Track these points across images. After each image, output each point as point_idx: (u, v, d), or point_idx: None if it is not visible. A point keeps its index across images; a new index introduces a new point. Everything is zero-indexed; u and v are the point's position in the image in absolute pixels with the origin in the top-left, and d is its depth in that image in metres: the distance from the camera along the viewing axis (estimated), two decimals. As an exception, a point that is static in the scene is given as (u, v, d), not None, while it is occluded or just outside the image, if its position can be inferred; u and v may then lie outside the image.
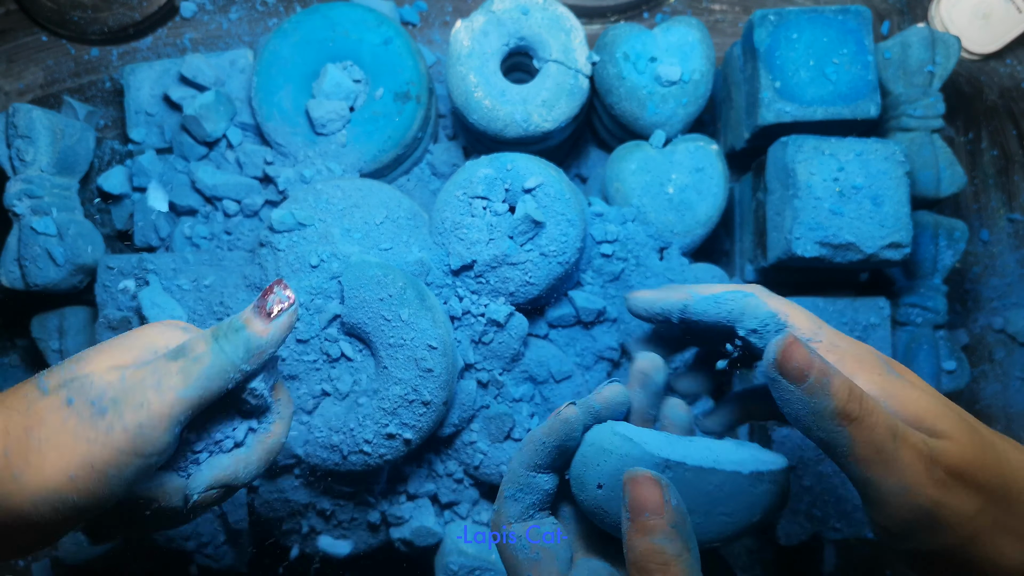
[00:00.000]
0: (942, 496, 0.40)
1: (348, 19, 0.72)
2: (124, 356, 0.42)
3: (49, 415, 0.40)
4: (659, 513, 0.38)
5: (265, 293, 0.44)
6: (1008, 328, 0.82)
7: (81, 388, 0.40)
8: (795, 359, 0.40)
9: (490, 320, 0.63)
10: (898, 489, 0.40)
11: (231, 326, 0.43)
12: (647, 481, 0.39)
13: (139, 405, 0.40)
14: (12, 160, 0.70)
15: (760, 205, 0.72)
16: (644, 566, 0.37)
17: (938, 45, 0.71)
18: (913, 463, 0.40)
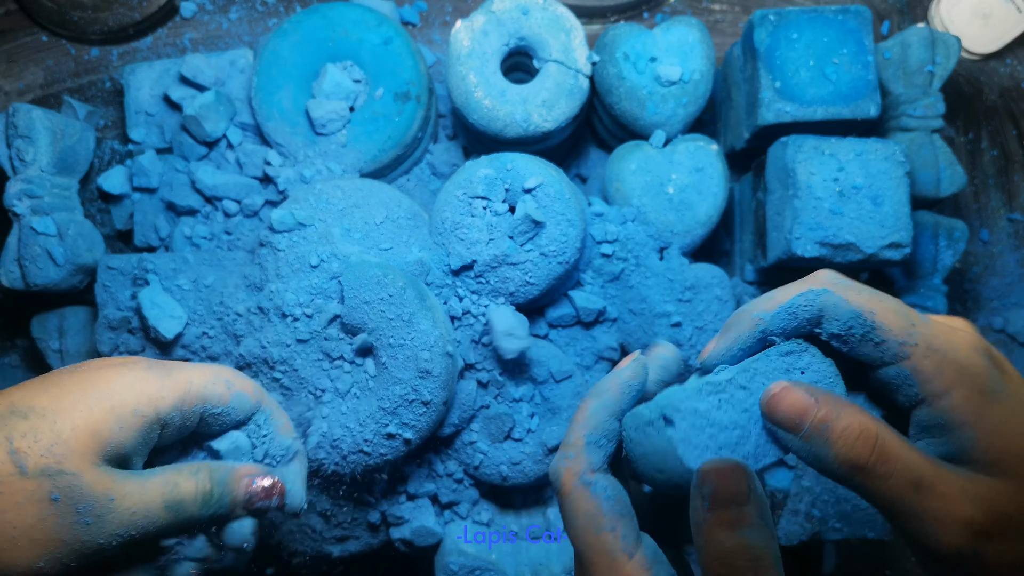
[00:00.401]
0: (978, 544, 0.36)
1: (348, 19, 0.72)
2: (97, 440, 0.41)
3: (28, 503, 0.39)
4: (744, 504, 0.35)
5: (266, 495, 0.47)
6: (1008, 328, 0.82)
7: (69, 490, 0.39)
8: (783, 408, 0.37)
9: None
10: (926, 540, 0.37)
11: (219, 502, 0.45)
12: (734, 470, 0.35)
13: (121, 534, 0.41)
14: (12, 160, 0.70)
15: (760, 205, 0.72)
16: (732, 563, 0.34)
17: (938, 45, 0.71)
18: (944, 513, 0.36)
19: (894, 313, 0.39)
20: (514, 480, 0.66)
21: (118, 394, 0.42)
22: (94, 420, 0.41)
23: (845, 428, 0.36)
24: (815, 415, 0.37)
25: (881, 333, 0.38)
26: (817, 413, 0.37)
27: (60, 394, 0.41)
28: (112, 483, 0.41)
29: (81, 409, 0.41)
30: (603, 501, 0.38)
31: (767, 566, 0.34)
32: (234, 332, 0.64)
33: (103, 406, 0.41)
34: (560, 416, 0.66)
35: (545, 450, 0.66)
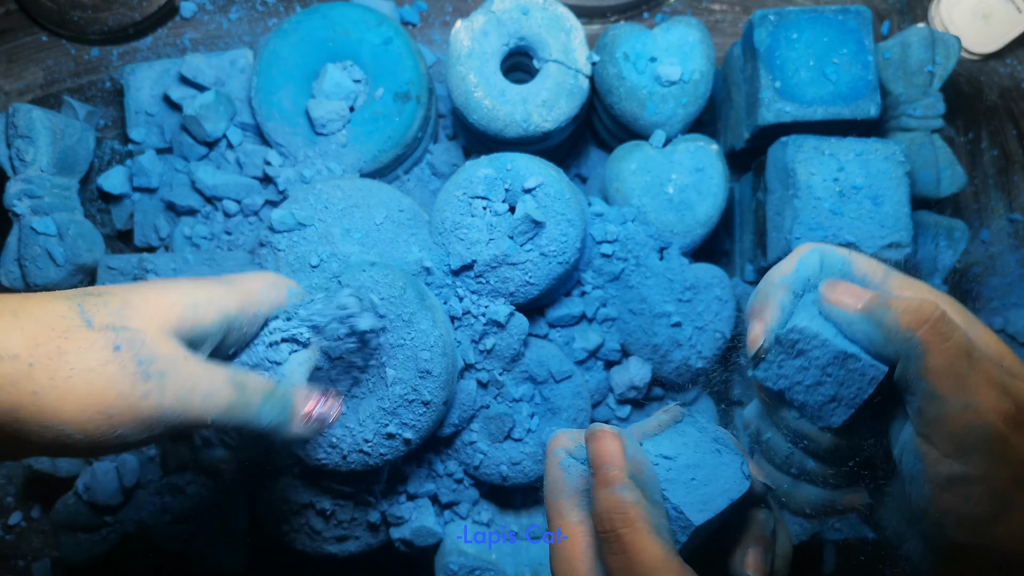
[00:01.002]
0: (1007, 429, 0.38)
1: (348, 19, 0.72)
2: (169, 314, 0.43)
3: (90, 350, 0.39)
4: (618, 465, 0.39)
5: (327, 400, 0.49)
6: (1008, 328, 0.82)
7: (132, 342, 0.40)
8: (840, 288, 0.42)
9: (490, 320, 0.63)
10: (962, 407, 0.39)
11: (283, 404, 0.47)
12: (604, 435, 0.40)
13: (182, 398, 0.42)
14: (12, 160, 0.70)
15: (760, 205, 0.72)
16: (607, 516, 0.38)
17: (938, 45, 0.71)
18: (984, 387, 0.39)
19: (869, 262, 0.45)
20: (514, 480, 0.66)
21: (191, 288, 0.44)
22: (167, 298, 0.43)
23: (903, 300, 0.40)
24: (871, 295, 0.41)
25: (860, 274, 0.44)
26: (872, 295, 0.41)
27: (135, 287, 0.43)
28: (178, 350, 0.42)
29: (154, 291, 0.43)
30: (567, 473, 0.43)
31: (635, 517, 0.37)
32: (234, 332, 0.64)
33: (178, 291, 0.44)
34: (560, 416, 0.66)
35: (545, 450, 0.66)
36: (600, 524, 0.38)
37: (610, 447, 0.39)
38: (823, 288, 0.43)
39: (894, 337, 0.40)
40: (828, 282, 0.43)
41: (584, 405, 0.67)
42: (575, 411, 0.66)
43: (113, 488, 0.67)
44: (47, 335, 0.39)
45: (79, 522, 0.69)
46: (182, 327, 0.43)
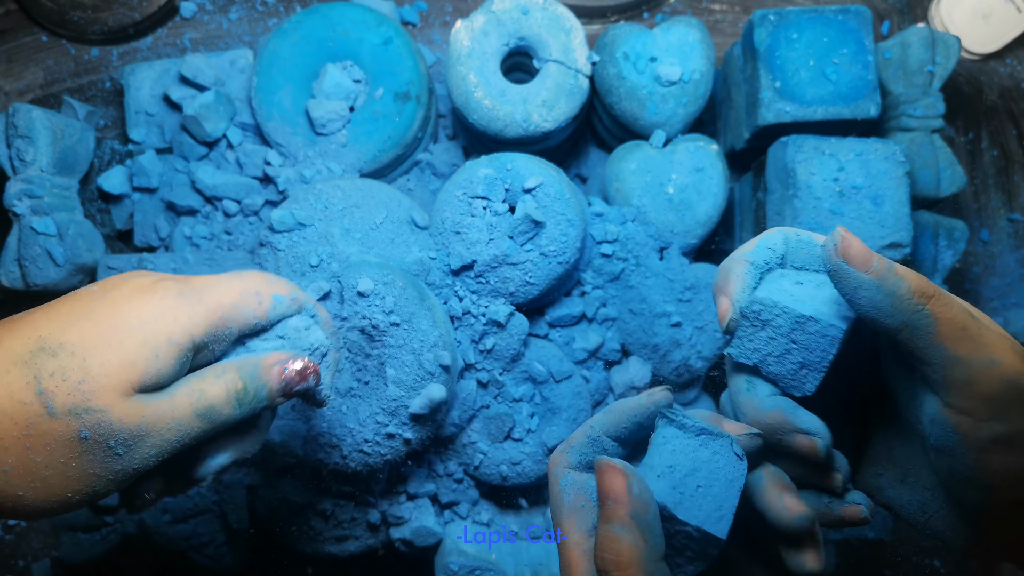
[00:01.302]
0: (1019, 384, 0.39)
1: (348, 19, 0.72)
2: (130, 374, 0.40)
3: (57, 444, 0.39)
4: (621, 503, 0.38)
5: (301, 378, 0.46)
6: (1008, 328, 0.82)
7: (98, 426, 0.39)
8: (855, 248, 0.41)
9: (490, 320, 0.63)
10: (988, 363, 0.39)
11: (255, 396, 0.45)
12: (611, 470, 0.39)
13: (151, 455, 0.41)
14: (12, 160, 0.70)
15: (760, 205, 0.72)
16: (602, 555, 0.38)
17: (938, 45, 0.71)
18: (1000, 342, 0.39)
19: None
20: (514, 480, 0.66)
21: (150, 324, 0.41)
22: (126, 354, 0.40)
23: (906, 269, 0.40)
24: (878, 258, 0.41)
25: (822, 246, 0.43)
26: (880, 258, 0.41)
27: (91, 328, 0.40)
28: (143, 410, 0.40)
29: (112, 344, 0.40)
30: (564, 493, 0.43)
31: (628, 562, 0.37)
32: (234, 332, 0.64)
33: (135, 339, 0.40)
34: (560, 416, 0.66)
35: (545, 450, 0.66)
36: (598, 561, 0.38)
37: (615, 484, 0.39)
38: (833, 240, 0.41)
39: (904, 307, 0.40)
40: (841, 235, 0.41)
41: (584, 405, 0.67)
42: (575, 411, 0.66)
43: (113, 488, 0.67)
44: (11, 434, 0.38)
45: (79, 522, 0.69)
46: (145, 382, 0.41)
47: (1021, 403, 0.39)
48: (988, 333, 0.40)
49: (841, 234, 0.41)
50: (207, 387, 0.43)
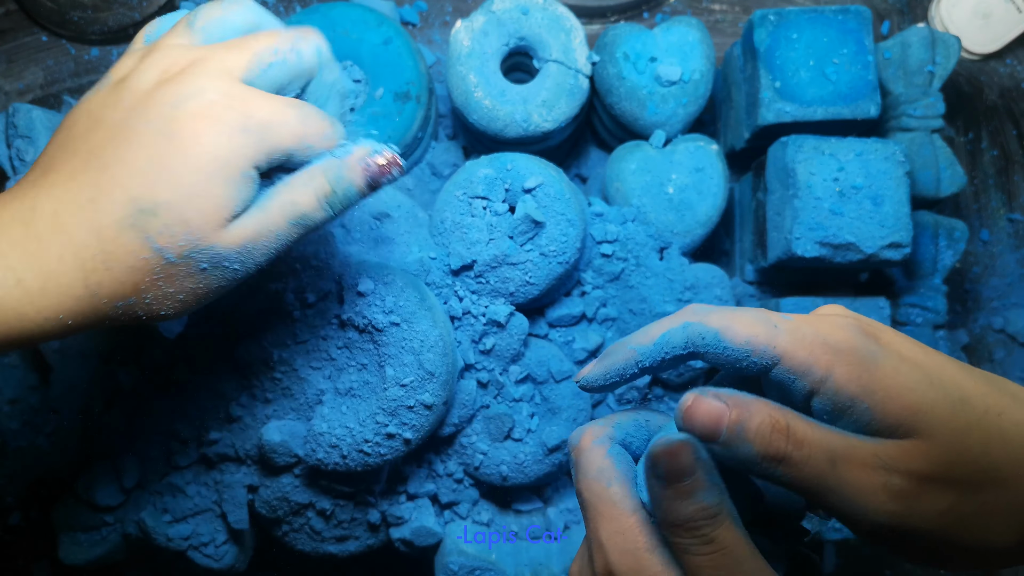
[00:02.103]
0: (902, 507, 0.38)
1: (348, 19, 0.72)
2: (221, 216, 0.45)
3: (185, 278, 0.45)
4: (694, 472, 0.38)
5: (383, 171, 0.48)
6: (1008, 328, 0.82)
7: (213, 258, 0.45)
8: (699, 418, 0.39)
9: (490, 320, 0.63)
10: (854, 513, 0.39)
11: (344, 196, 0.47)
12: (681, 448, 0.38)
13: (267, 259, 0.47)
14: (12, 160, 0.70)
15: (760, 205, 0.72)
16: (694, 525, 0.38)
17: (938, 45, 0.71)
18: (863, 483, 0.38)
19: (752, 321, 0.41)
20: (514, 480, 0.66)
21: (225, 168, 0.44)
22: (215, 198, 0.44)
23: (759, 425, 0.38)
24: (729, 419, 0.38)
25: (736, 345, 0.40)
26: (731, 416, 0.38)
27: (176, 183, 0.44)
28: (244, 233, 0.45)
29: (200, 194, 0.44)
30: (616, 461, 0.42)
31: (723, 517, 0.38)
32: (235, 331, 0.64)
33: (217, 184, 0.44)
34: (560, 416, 0.66)
35: (545, 450, 0.66)
36: (685, 531, 0.38)
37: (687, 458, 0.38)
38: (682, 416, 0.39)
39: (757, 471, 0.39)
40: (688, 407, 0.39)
41: (584, 405, 0.67)
42: (575, 411, 0.66)
43: (113, 488, 0.67)
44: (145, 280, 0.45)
45: (79, 522, 0.69)
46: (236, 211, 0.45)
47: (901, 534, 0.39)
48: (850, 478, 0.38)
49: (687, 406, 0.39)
50: (297, 197, 0.47)
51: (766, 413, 0.39)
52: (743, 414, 0.38)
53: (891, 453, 0.38)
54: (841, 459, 0.38)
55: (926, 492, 0.38)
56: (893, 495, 0.38)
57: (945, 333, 0.74)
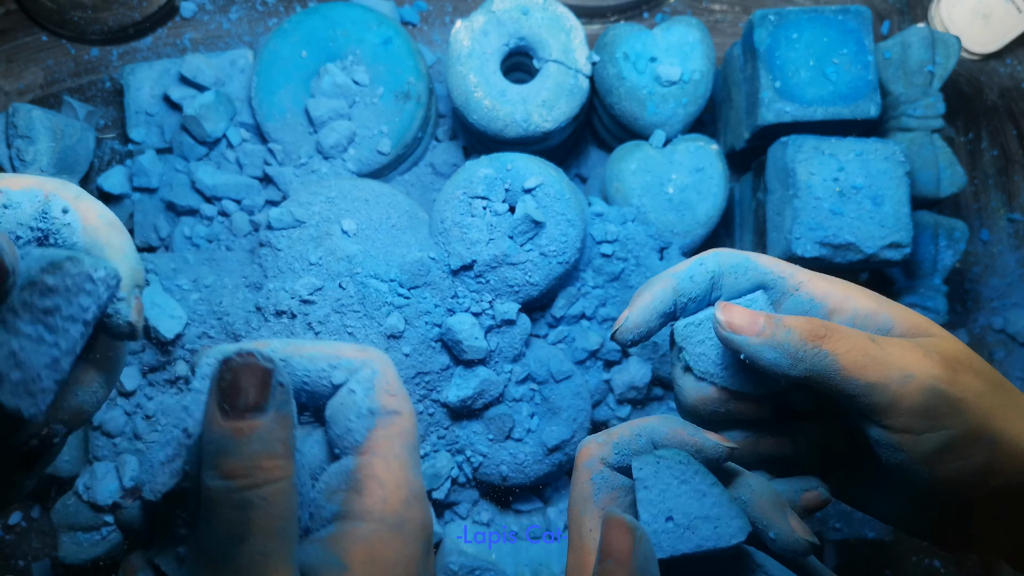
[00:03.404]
0: (950, 375, 0.40)
1: (348, 19, 0.72)
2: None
3: None
4: (624, 564, 0.35)
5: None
6: (1008, 328, 0.82)
7: None
8: (736, 315, 0.42)
9: (500, 319, 0.63)
10: (903, 378, 0.39)
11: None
12: (620, 527, 0.36)
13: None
14: (12, 160, 0.70)
15: (760, 205, 0.72)
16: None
17: (938, 45, 0.71)
18: (907, 354, 0.40)
19: (774, 259, 0.45)
20: (514, 480, 0.66)
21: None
22: None
23: (794, 319, 0.41)
24: (764, 318, 0.41)
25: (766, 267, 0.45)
26: (765, 316, 0.41)
27: None
28: None
29: None
30: (596, 489, 0.41)
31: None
32: (233, 332, 0.64)
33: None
34: (560, 416, 0.66)
35: (545, 450, 0.66)
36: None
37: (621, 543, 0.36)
38: (718, 312, 0.42)
39: (802, 356, 0.40)
40: (721, 306, 0.42)
41: (584, 405, 0.67)
42: (575, 411, 0.66)
43: (113, 488, 0.67)
44: None
45: (79, 522, 0.69)
46: None
47: (948, 408, 0.40)
48: (893, 349, 0.40)
49: (721, 307, 0.42)
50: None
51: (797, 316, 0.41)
52: (776, 316, 0.41)
53: (923, 341, 0.41)
54: (881, 342, 0.40)
55: (964, 371, 0.40)
56: (937, 362, 0.40)
57: (945, 333, 0.74)
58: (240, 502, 0.32)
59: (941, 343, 0.41)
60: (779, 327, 0.41)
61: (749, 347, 0.41)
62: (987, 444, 0.40)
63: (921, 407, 0.40)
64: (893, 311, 0.43)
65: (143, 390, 0.68)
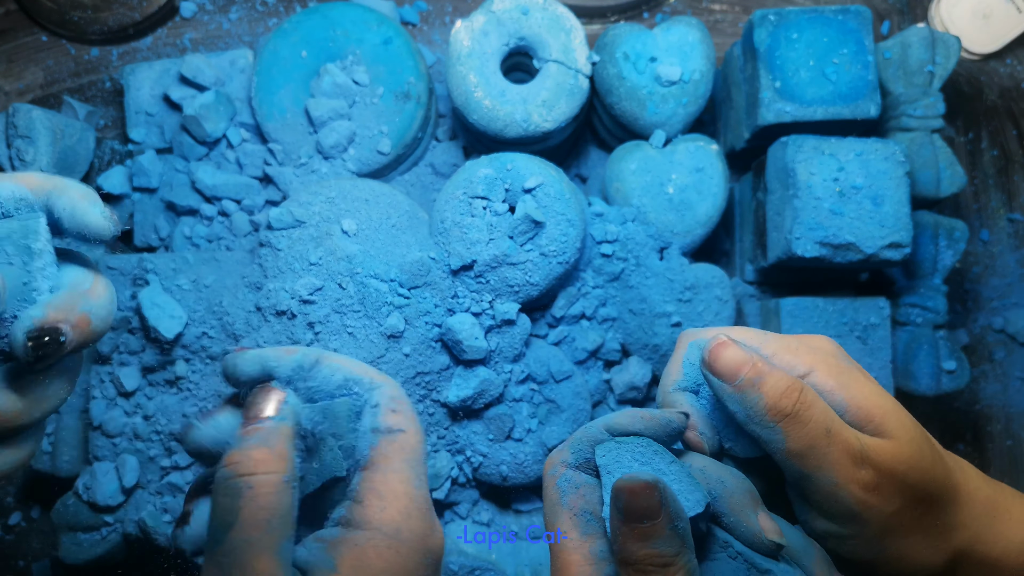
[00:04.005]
0: (865, 495, 0.42)
1: (348, 19, 0.72)
2: None
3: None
4: (656, 517, 0.38)
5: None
6: (1008, 328, 0.82)
7: None
8: (724, 358, 0.43)
9: (500, 319, 0.63)
10: (828, 484, 0.42)
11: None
12: (645, 488, 0.38)
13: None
14: (12, 160, 0.70)
15: (760, 205, 0.72)
16: (643, 568, 0.37)
17: (938, 45, 0.71)
18: (842, 460, 0.42)
19: (744, 328, 0.47)
20: (514, 480, 0.66)
21: None
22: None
23: (776, 381, 0.42)
24: (749, 370, 0.43)
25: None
26: (753, 367, 0.43)
27: None
28: None
29: None
30: (562, 493, 0.42)
31: (677, 570, 0.37)
32: (233, 332, 0.64)
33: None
34: (560, 416, 0.66)
35: (545, 450, 0.66)
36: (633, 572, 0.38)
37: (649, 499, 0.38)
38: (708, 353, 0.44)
39: (759, 423, 0.43)
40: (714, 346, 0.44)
41: (584, 405, 0.67)
42: (575, 411, 0.66)
43: (113, 488, 0.67)
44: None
45: (79, 522, 0.69)
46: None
47: (851, 515, 0.43)
48: (834, 450, 0.42)
49: (712, 346, 0.44)
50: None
51: (784, 375, 0.43)
52: (763, 370, 0.43)
53: (869, 443, 0.43)
54: (834, 432, 0.42)
55: (884, 489, 0.42)
56: (862, 485, 0.42)
57: (945, 333, 0.74)
58: (233, 489, 0.37)
59: (886, 449, 0.43)
60: (753, 388, 0.42)
61: (721, 390, 0.44)
62: (874, 547, 0.44)
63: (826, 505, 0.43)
64: (851, 394, 0.44)
65: (143, 390, 0.68)
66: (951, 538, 0.45)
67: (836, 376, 0.44)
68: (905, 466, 0.43)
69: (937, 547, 0.45)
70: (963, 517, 0.45)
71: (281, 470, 0.38)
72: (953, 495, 0.45)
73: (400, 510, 0.40)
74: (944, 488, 0.45)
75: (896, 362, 0.72)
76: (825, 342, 0.47)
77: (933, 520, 0.44)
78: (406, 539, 0.39)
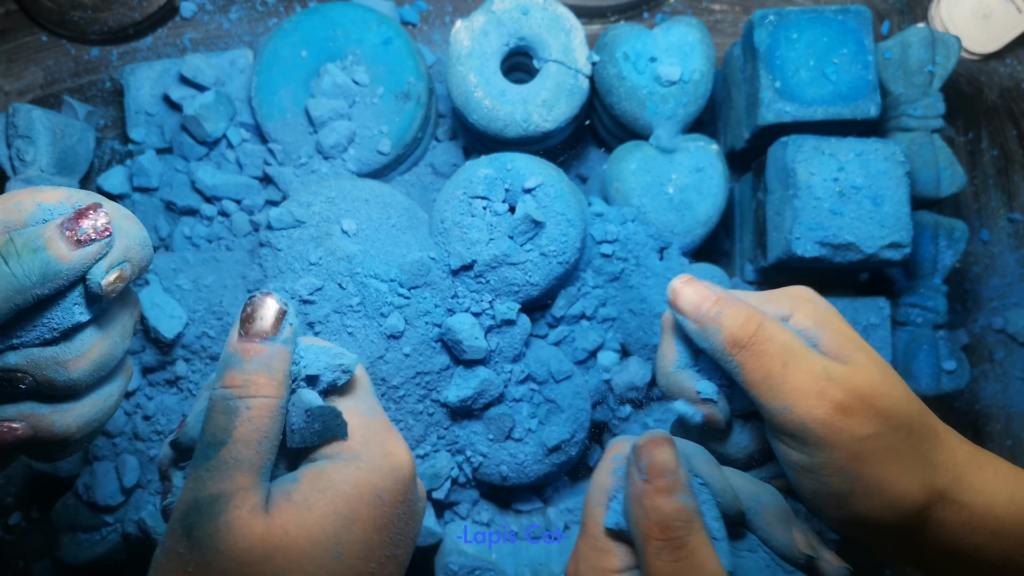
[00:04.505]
0: (831, 417, 0.42)
1: (348, 19, 0.72)
2: None
3: None
4: (677, 473, 0.39)
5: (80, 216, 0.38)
6: (1008, 328, 0.82)
7: None
8: (685, 294, 0.45)
9: (500, 319, 0.63)
10: (781, 410, 0.43)
11: (28, 244, 0.37)
12: (665, 441, 0.40)
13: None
14: (12, 160, 0.70)
15: (760, 205, 0.72)
16: (671, 524, 0.38)
17: (938, 45, 0.71)
18: (801, 386, 0.43)
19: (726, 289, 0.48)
20: (514, 480, 0.66)
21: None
22: None
23: (735, 313, 0.44)
24: (710, 305, 0.45)
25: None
26: (713, 303, 0.45)
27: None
28: None
29: None
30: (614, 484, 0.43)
31: (699, 525, 0.39)
32: (234, 332, 0.64)
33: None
34: (560, 416, 0.66)
35: (545, 450, 0.66)
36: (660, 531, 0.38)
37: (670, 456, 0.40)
38: (671, 291, 0.46)
39: (719, 355, 0.45)
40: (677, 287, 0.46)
41: (584, 405, 0.67)
42: (575, 411, 0.66)
43: (113, 488, 0.67)
44: None
45: (79, 522, 0.69)
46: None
47: (815, 441, 0.43)
48: (791, 378, 0.43)
49: (675, 284, 0.46)
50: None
51: (745, 308, 0.45)
52: (725, 304, 0.45)
53: (838, 368, 0.44)
54: (794, 361, 0.43)
55: (855, 413, 0.42)
56: (827, 402, 0.42)
57: (945, 333, 0.74)
58: (230, 408, 0.38)
59: (855, 374, 0.43)
60: (713, 321, 0.45)
61: (687, 327, 0.46)
62: (848, 476, 0.43)
63: (789, 433, 0.44)
64: (825, 331, 0.45)
65: (143, 390, 0.68)
66: (933, 475, 0.44)
67: (813, 316, 0.46)
68: (875, 391, 0.43)
69: (917, 478, 0.43)
70: (944, 459, 0.44)
71: (278, 395, 0.40)
72: (932, 434, 0.45)
73: (359, 439, 0.41)
74: (922, 424, 0.44)
75: (896, 362, 0.72)
76: (803, 290, 0.48)
77: (912, 448, 0.43)
78: (367, 460, 0.41)
